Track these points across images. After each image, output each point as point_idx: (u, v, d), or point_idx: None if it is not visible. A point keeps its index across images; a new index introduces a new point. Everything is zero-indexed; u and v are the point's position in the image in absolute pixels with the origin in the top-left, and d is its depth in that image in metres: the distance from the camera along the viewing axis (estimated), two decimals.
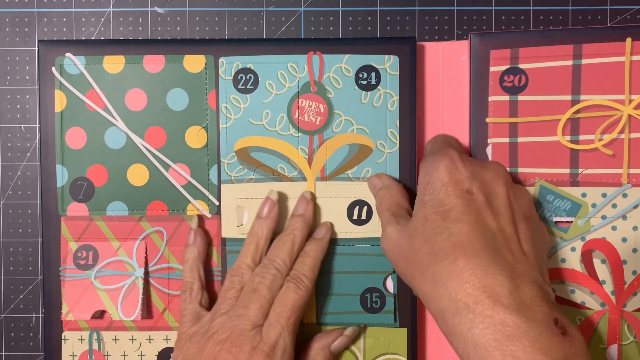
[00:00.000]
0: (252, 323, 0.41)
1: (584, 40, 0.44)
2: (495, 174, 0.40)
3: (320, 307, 0.46)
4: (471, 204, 0.37)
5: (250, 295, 0.42)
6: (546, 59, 0.44)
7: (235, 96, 0.46)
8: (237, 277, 0.43)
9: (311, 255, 0.44)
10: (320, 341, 0.45)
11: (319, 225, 0.46)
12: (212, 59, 0.46)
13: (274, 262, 0.43)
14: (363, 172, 0.46)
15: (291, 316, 0.41)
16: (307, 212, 0.45)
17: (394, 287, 0.46)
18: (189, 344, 0.42)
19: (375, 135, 0.46)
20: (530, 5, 0.49)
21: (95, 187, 0.47)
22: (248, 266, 0.44)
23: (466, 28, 0.49)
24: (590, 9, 0.49)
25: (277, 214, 0.45)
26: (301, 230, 0.44)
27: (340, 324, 0.46)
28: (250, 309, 0.41)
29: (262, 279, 0.42)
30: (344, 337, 0.45)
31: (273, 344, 0.40)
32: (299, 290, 0.42)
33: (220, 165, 0.46)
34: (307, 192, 0.46)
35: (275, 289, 0.42)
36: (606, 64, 0.44)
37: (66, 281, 0.46)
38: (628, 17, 0.49)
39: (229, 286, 0.43)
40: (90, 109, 0.46)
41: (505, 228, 0.37)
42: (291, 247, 0.44)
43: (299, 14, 0.50)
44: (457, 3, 0.49)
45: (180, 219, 0.47)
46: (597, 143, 0.44)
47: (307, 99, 0.46)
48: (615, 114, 0.44)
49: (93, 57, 0.46)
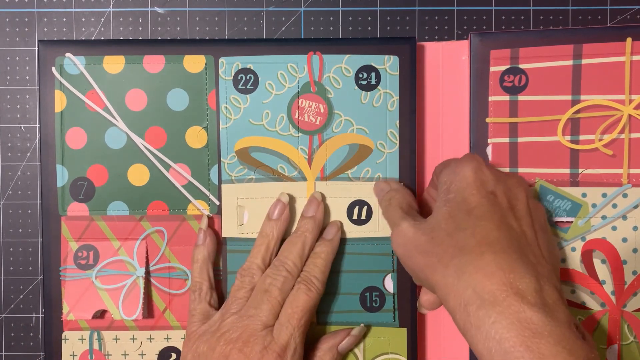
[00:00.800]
0: (263, 323, 0.41)
1: (584, 40, 0.44)
2: (518, 183, 0.40)
3: (320, 305, 0.46)
4: (495, 205, 0.38)
5: (262, 296, 0.42)
6: (546, 58, 0.44)
7: (235, 96, 0.46)
8: (248, 277, 0.44)
9: (322, 257, 0.44)
10: (327, 342, 0.45)
11: (329, 224, 0.46)
12: (212, 59, 0.46)
13: (285, 263, 0.43)
14: (363, 172, 0.46)
15: (302, 317, 0.41)
16: (317, 214, 0.45)
17: (393, 286, 0.46)
18: (199, 342, 0.42)
19: (375, 136, 0.46)
20: (530, 5, 0.49)
21: (95, 187, 0.47)
22: (258, 267, 0.44)
23: (466, 28, 0.49)
24: (590, 9, 0.49)
25: (288, 216, 0.45)
26: (312, 232, 0.44)
27: (340, 322, 0.46)
28: (261, 309, 0.41)
29: (274, 281, 0.42)
30: (351, 337, 0.45)
31: (284, 344, 0.40)
32: (310, 292, 0.42)
33: (220, 165, 0.46)
34: (318, 193, 0.46)
35: (286, 290, 0.42)
36: (606, 64, 0.44)
37: (67, 281, 0.46)
38: (628, 17, 0.49)
39: (239, 286, 0.44)
40: (91, 109, 0.46)
41: (527, 231, 0.38)
42: (302, 249, 0.44)
43: (299, 14, 0.50)
44: (457, 3, 0.49)
45: (181, 219, 0.47)
46: (597, 143, 0.44)
47: (307, 99, 0.46)
48: (615, 114, 0.44)
49: (93, 57, 0.46)
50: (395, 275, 0.46)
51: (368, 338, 0.46)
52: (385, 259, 0.46)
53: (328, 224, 0.46)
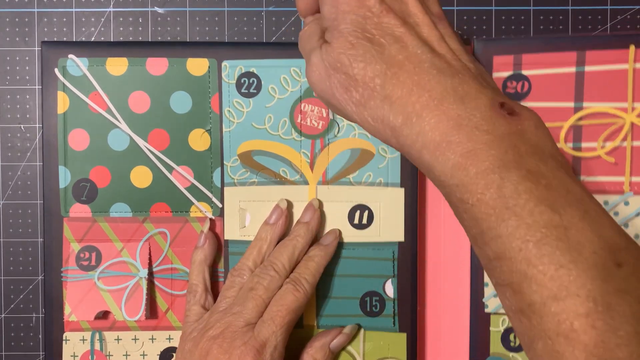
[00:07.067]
0: (246, 320, 0.41)
1: (587, 47, 0.44)
2: None
3: (320, 309, 0.47)
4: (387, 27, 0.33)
5: (247, 294, 0.42)
6: (549, 65, 0.44)
7: (238, 100, 0.46)
8: (238, 277, 0.44)
9: (315, 260, 0.44)
10: (319, 340, 0.45)
11: (327, 231, 0.46)
12: (215, 63, 0.46)
13: (273, 264, 0.43)
14: (365, 176, 0.46)
15: (286, 316, 0.42)
16: (312, 221, 0.45)
17: (393, 291, 0.46)
18: (187, 340, 0.43)
19: (378, 140, 0.46)
20: (531, 5, 0.49)
21: (98, 189, 0.47)
22: (249, 268, 0.44)
23: (466, 28, 0.49)
24: (590, 9, 0.49)
25: (285, 222, 0.46)
26: (304, 237, 0.45)
27: (339, 327, 0.46)
28: (245, 307, 0.42)
29: (260, 279, 0.43)
30: (343, 335, 0.45)
31: (264, 340, 0.41)
32: (297, 293, 0.42)
33: (223, 168, 0.47)
34: (315, 201, 0.46)
35: (273, 289, 0.43)
36: (609, 72, 0.44)
37: (68, 282, 0.47)
38: (628, 17, 0.49)
39: (229, 285, 0.44)
40: (93, 111, 0.47)
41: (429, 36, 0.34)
42: (292, 252, 0.44)
43: (299, 13, 0.49)
44: (457, 3, 0.49)
45: (183, 221, 0.47)
46: (599, 151, 0.44)
47: (310, 104, 0.46)
48: (617, 122, 0.44)
49: (96, 59, 0.46)
50: (396, 280, 0.46)
51: (367, 342, 0.47)
52: (385, 264, 0.46)
53: (327, 231, 0.46)
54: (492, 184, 0.29)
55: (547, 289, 0.28)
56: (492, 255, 0.29)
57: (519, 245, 0.28)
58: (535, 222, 0.28)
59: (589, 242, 0.28)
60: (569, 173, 0.30)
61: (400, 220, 0.46)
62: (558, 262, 0.27)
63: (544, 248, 0.28)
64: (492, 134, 0.30)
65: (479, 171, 0.29)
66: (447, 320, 0.47)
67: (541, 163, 0.29)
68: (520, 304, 0.29)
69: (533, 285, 0.28)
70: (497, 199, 0.29)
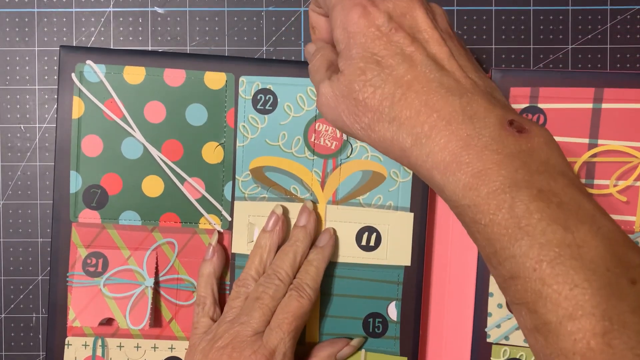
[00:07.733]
0: (254, 329, 0.42)
1: (606, 84, 0.44)
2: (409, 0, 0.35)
3: (323, 327, 0.47)
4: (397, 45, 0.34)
5: (253, 303, 0.43)
6: (566, 100, 0.44)
7: (253, 116, 0.46)
8: (243, 288, 0.45)
9: (314, 265, 0.45)
10: (325, 349, 0.45)
11: (322, 231, 0.46)
12: (232, 77, 0.46)
13: (277, 272, 0.44)
14: (374, 199, 0.46)
15: (293, 322, 0.42)
16: (309, 224, 0.45)
17: (397, 314, 0.46)
18: (196, 352, 0.43)
19: (389, 164, 0.46)
20: (531, 5, 0.49)
21: (109, 196, 0.47)
22: (252, 277, 0.45)
23: (466, 28, 0.49)
24: (590, 9, 0.49)
25: (283, 228, 0.46)
26: (303, 241, 0.45)
27: (346, 337, 0.47)
28: (252, 316, 0.42)
29: (266, 289, 0.43)
30: (350, 347, 0.46)
31: (273, 348, 0.41)
32: (302, 299, 0.43)
33: (235, 182, 0.47)
34: (309, 202, 0.46)
35: (278, 298, 0.43)
36: (627, 110, 0.44)
37: (74, 287, 0.47)
38: (628, 17, 0.49)
39: (235, 296, 0.45)
40: (108, 118, 0.47)
41: (439, 52, 0.34)
42: (293, 258, 0.44)
43: (299, 14, 0.50)
44: (457, 3, 0.49)
45: (192, 232, 0.47)
46: (611, 189, 0.44)
47: (324, 124, 0.46)
48: (632, 161, 0.44)
49: (114, 67, 0.46)
50: (400, 304, 0.46)
51: None
52: (391, 286, 0.46)
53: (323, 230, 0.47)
54: (504, 204, 0.29)
55: (562, 308, 0.28)
56: (507, 274, 0.30)
57: (532, 265, 0.28)
58: (548, 242, 0.28)
59: (602, 259, 0.28)
60: (580, 189, 0.30)
61: (407, 245, 0.46)
62: (572, 281, 0.28)
63: (557, 267, 0.28)
64: (501, 153, 0.30)
65: (490, 191, 0.30)
66: (449, 347, 0.47)
67: (552, 181, 0.30)
68: (536, 323, 0.29)
69: (548, 305, 0.28)
70: (509, 219, 0.29)
